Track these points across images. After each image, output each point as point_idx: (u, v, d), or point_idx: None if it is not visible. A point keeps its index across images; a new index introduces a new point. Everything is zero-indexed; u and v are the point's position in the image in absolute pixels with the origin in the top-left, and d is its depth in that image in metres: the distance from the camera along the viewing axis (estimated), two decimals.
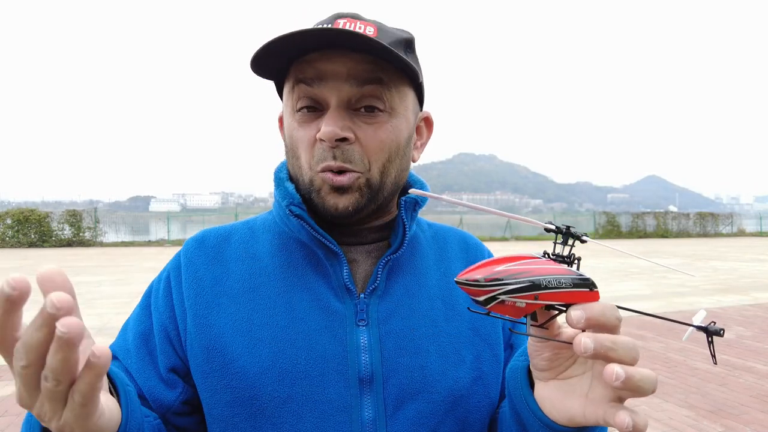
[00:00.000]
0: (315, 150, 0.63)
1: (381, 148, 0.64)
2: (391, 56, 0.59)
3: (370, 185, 0.64)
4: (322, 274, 0.66)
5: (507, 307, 0.42)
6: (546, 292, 0.42)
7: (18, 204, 53.07)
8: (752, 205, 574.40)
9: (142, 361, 0.64)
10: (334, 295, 0.65)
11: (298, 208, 0.65)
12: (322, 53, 0.61)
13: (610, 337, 0.42)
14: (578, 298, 0.43)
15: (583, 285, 0.43)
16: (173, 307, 0.66)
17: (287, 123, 0.66)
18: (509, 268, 0.42)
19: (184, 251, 0.70)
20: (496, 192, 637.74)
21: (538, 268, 0.42)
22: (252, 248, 0.70)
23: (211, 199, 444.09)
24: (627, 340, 0.43)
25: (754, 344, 5.27)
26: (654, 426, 3.25)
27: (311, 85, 0.61)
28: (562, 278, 0.43)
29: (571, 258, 0.45)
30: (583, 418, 0.46)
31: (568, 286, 0.43)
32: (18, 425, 3.16)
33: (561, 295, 0.43)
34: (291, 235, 0.69)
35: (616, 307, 0.44)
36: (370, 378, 0.61)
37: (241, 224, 0.75)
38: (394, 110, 0.64)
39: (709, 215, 30.16)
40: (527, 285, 0.42)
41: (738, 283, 9.75)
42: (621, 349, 0.42)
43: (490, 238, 24.41)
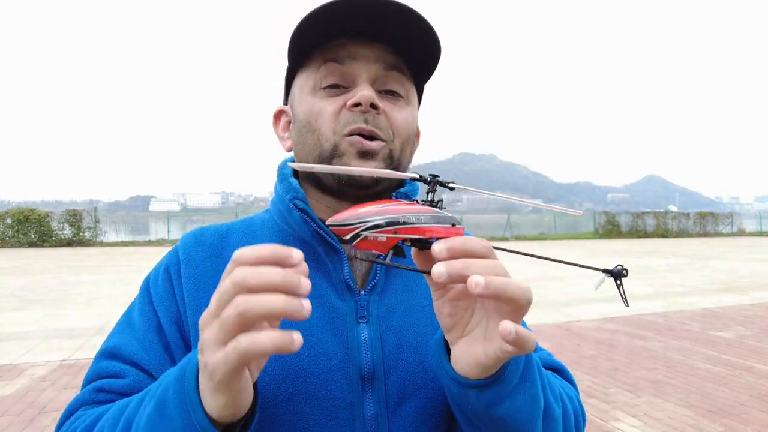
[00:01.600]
0: (341, 117, 0.64)
1: (404, 126, 0.68)
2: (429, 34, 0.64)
3: (392, 157, 0.66)
4: (323, 272, 0.66)
5: (370, 243, 0.46)
6: (405, 227, 0.45)
7: (18, 204, 53.18)
8: (752, 204, 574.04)
9: (159, 357, 0.63)
10: (334, 292, 0.65)
11: (302, 202, 0.66)
12: (353, 38, 0.64)
13: (464, 260, 0.43)
14: (440, 233, 0.47)
15: (445, 221, 0.47)
16: (176, 298, 0.65)
17: (305, 101, 0.67)
18: (373, 209, 0.46)
19: (182, 247, 0.69)
20: (496, 192, 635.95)
21: (399, 208, 0.46)
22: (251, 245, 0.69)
23: (211, 198, 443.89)
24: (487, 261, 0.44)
25: (754, 344, 5.27)
26: (654, 426, 3.26)
27: (342, 63, 0.64)
28: (422, 215, 0.46)
29: (436, 203, 0.49)
30: (486, 357, 0.46)
31: (429, 221, 0.46)
32: (18, 425, 3.16)
33: (421, 230, 0.46)
34: (291, 233, 0.69)
35: (484, 240, 0.46)
36: (372, 375, 0.61)
37: (238, 223, 0.75)
38: (409, 100, 0.69)
39: (709, 215, 30.16)
40: (387, 222, 0.45)
41: (738, 283, 9.74)
42: (475, 266, 0.43)
43: (491, 238, 24.41)
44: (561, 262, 0.53)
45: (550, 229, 29.04)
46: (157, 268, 0.70)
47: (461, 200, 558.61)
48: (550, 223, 29.59)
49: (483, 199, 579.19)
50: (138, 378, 0.61)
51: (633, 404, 3.62)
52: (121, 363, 0.62)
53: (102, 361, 0.64)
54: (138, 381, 0.60)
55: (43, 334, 5.43)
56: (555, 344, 5.23)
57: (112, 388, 0.60)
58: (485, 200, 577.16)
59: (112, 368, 0.62)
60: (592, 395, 3.79)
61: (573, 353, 4.90)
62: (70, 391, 3.77)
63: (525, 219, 33.59)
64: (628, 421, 3.33)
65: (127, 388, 0.60)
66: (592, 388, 3.94)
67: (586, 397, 3.74)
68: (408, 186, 0.74)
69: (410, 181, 0.75)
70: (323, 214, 0.70)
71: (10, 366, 4.38)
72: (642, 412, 3.47)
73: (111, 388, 0.60)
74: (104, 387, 0.61)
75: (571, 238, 26.25)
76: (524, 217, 33.63)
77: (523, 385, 0.52)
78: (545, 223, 30.54)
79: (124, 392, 0.60)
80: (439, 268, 0.42)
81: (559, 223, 29.47)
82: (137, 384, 0.60)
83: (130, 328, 0.66)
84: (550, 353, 0.78)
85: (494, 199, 5.49)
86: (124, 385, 0.60)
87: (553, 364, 0.74)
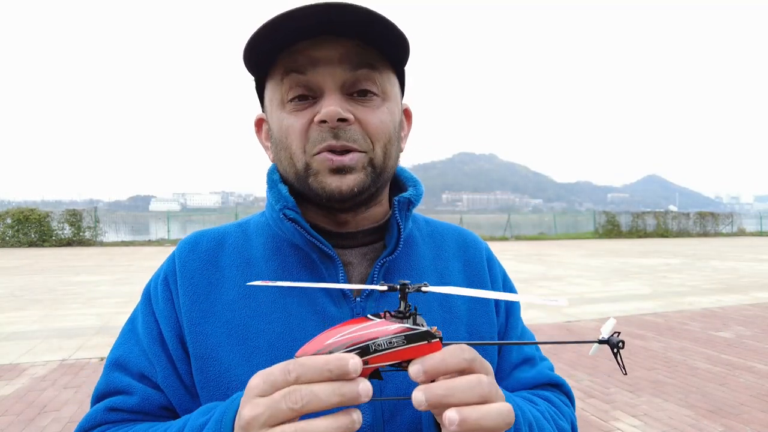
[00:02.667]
0: (311, 134, 0.61)
1: (382, 129, 0.63)
2: (388, 29, 0.58)
3: (373, 165, 0.63)
4: (318, 278, 0.65)
5: None
6: (376, 355, 0.43)
7: (18, 203, 53.15)
8: (752, 204, 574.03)
9: (165, 370, 0.63)
10: (330, 299, 0.64)
11: (292, 211, 0.64)
12: (312, 41, 0.59)
13: (444, 384, 0.42)
14: (416, 353, 0.44)
15: (420, 339, 0.44)
16: (175, 310, 0.65)
17: (275, 117, 0.64)
18: (339, 339, 0.43)
19: (178, 254, 0.69)
20: (496, 191, 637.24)
21: (369, 332, 0.43)
22: (246, 253, 0.68)
23: (211, 198, 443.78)
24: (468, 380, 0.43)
25: (754, 344, 5.26)
26: (654, 426, 3.26)
27: (304, 73, 0.60)
28: (394, 338, 0.43)
29: (407, 313, 0.46)
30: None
31: (401, 343, 0.43)
32: (18, 425, 3.16)
33: (394, 355, 0.43)
34: (285, 237, 0.68)
35: (462, 349, 0.44)
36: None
37: (234, 227, 0.73)
38: (386, 94, 0.64)
39: (709, 215, 30.16)
40: (356, 353, 0.42)
41: (738, 283, 9.74)
42: (459, 392, 0.41)
43: (491, 238, 24.40)
44: (556, 343, 0.51)
45: (550, 229, 29.03)
46: (157, 276, 0.70)
47: (461, 200, 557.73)
48: (550, 223, 29.59)
49: (483, 199, 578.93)
50: (146, 394, 0.62)
51: (633, 404, 3.62)
52: (129, 377, 0.64)
53: (112, 372, 0.65)
54: (146, 397, 0.62)
55: (43, 334, 5.43)
56: (555, 344, 5.22)
57: (123, 406, 0.62)
58: (485, 200, 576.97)
59: (120, 382, 0.63)
60: (592, 395, 3.79)
61: (573, 353, 4.90)
62: (70, 390, 3.77)
63: (525, 219, 33.60)
64: (628, 421, 3.33)
65: (136, 407, 0.62)
66: (592, 388, 3.94)
67: (586, 397, 3.74)
68: (411, 190, 0.71)
69: (414, 183, 0.73)
70: (318, 218, 0.69)
71: (10, 366, 4.38)
72: (642, 412, 3.47)
73: (122, 406, 0.62)
74: (115, 406, 0.62)
75: (571, 238, 26.24)
76: (524, 217, 33.60)
77: None
78: (545, 223, 30.53)
79: (134, 411, 0.62)
80: (418, 396, 0.41)
81: (559, 223, 29.46)
82: (146, 401, 0.62)
83: (136, 339, 0.66)
84: (551, 366, 0.78)
85: (494, 199, 5.45)
86: (134, 404, 0.62)
87: (552, 379, 0.74)
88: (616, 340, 0.48)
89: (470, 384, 0.42)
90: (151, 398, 0.62)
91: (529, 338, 0.78)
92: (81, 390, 3.78)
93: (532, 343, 0.47)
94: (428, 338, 0.44)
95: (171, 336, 0.64)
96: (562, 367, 4.47)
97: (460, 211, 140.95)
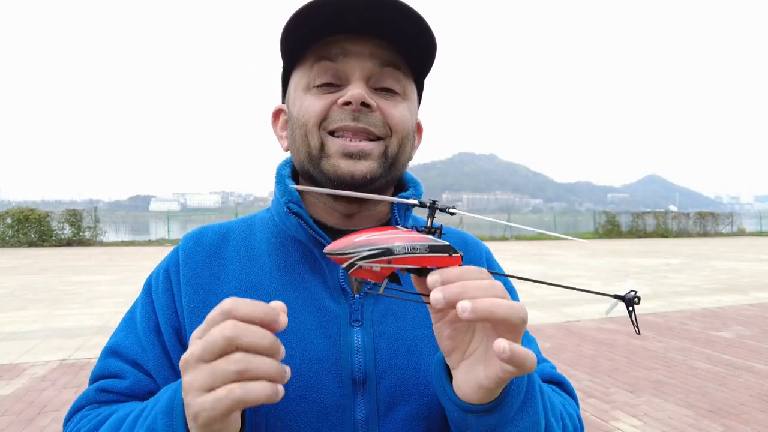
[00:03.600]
0: (331, 113, 0.63)
1: (402, 122, 0.66)
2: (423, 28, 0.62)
3: (387, 155, 0.65)
4: (318, 274, 0.66)
5: (365, 272, 0.46)
6: (399, 256, 0.45)
7: (18, 203, 53.09)
8: (752, 204, 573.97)
9: (158, 359, 0.64)
10: (329, 295, 0.65)
11: (296, 206, 0.65)
12: (347, 35, 0.62)
13: (460, 283, 0.44)
14: (436, 262, 0.46)
15: (441, 250, 0.46)
16: (174, 303, 0.66)
17: (298, 100, 0.66)
18: (368, 238, 0.46)
19: (182, 247, 0.70)
20: (496, 191, 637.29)
21: (395, 236, 0.46)
22: (250, 246, 0.70)
23: (211, 198, 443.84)
24: (483, 282, 0.45)
25: (754, 344, 5.27)
26: (654, 426, 3.26)
27: (335, 61, 0.63)
28: (417, 244, 0.46)
29: (433, 229, 0.49)
30: (487, 380, 0.47)
31: (423, 251, 0.46)
32: (18, 425, 3.16)
33: (416, 260, 0.46)
34: (288, 233, 0.69)
35: (480, 270, 0.46)
36: (364, 379, 0.61)
37: (238, 222, 0.75)
38: (406, 95, 0.67)
39: (709, 215, 30.16)
40: (381, 251, 0.45)
41: (738, 283, 9.74)
42: (474, 290, 0.43)
43: (490, 238, 24.40)
44: (574, 288, 0.52)
45: (550, 229, 29.04)
46: (159, 268, 0.71)
47: (461, 200, 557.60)
48: (550, 223, 29.59)
49: (483, 199, 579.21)
50: (137, 378, 0.64)
51: (633, 404, 3.62)
52: (123, 362, 0.65)
53: (107, 358, 0.67)
54: (137, 381, 0.63)
55: (43, 334, 5.43)
56: (555, 344, 5.23)
57: (114, 388, 0.64)
58: (485, 200, 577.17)
59: (114, 367, 0.65)
60: (592, 395, 3.79)
61: (573, 353, 4.90)
62: (70, 390, 3.77)
63: (525, 219, 33.60)
64: (628, 420, 3.33)
65: (126, 390, 0.63)
66: (592, 388, 3.94)
67: (586, 397, 3.74)
68: (411, 189, 0.73)
69: (414, 184, 0.74)
70: (322, 213, 0.70)
71: (10, 366, 4.38)
72: (642, 412, 3.47)
73: (113, 388, 0.64)
74: (107, 387, 0.64)
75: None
76: (524, 217, 33.61)
77: (524, 410, 0.51)
78: (545, 223, 30.54)
79: (124, 393, 0.63)
80: (436, 294, 0.43)
81: (559, 223, 29.47)
82: (136, 385, 0.63)
83: (133, 327, 0.68)
84: (553, 365, 0.78)
85: (494, 199, 5.46)
86: (124, 387, 0.63)
87: (554, 377, 0.75)
88: (630, 297, 0.49)
89: (484, 285, 0.44)
90: (142, 383, 0.64)
91: (530, 341, 0.78)
92: (81, 390, 3.78)
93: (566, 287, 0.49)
94: (450, 251, 0.47)
95: (167, 327, 0.65)
96: (562, 366, 4.47)
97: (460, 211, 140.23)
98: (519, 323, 0.44)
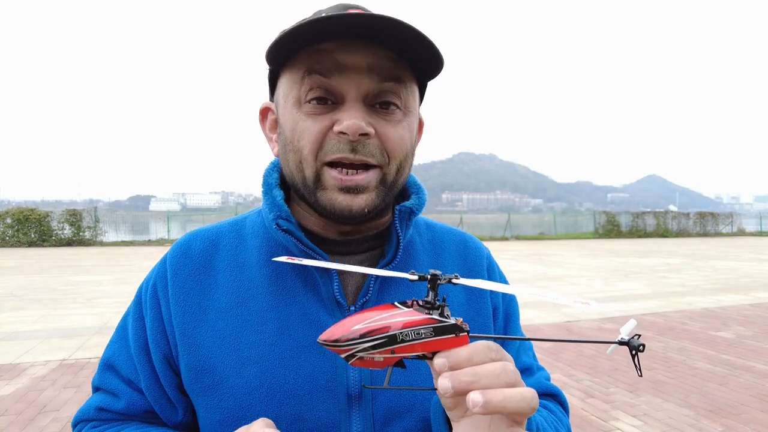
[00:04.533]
0: (326, 142, 0.59)
1: (401, 145, 0.62)
2: (424, 45, 0.56)
3: (384, 182, 0.61)
4: (312, 287, 0.64)
5: (367, 362, 0.44)
6: (403, 345, 0.43)
7: (18, 203, 52.96)
8: (752, 204, 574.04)
9: (149, 380, 0.65)
10: (323, 308, 0.63)
11: (286, 222, 0.62)
12: (342, 43, 0.57)
13: (470, 370, 0.41)
14: (443, 346, 0.43)
15: (447, 331, 0.43)
16: (163, 322, 0.65)
17: (289, 115, 0.61)
18: (367, 325, 0.43)
19: (170, 259, 0.67)
20: (496, 191, 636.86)
21: (396, 321, 0.43)
22: (241, 256, 0.67)
23: (211, 198, 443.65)
24: (494, 366, 0.42)
25: (754, 344, 5.26)
26: (654, 426, 3.26)
27: (328, 77, 0.57)
28: (422, 329, 0.43)
29: (436, 304, 0.45)
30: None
31: (429, 335, 0.43)
32: (18, 424, 3.16)
33: (421, 346, 0.43)
34: (280, 242, 0.67)
35: (489, 347, 0.44)
36: (359, 395, 0.60)
37: (228, 227, 0.71)
38: (407, 109, 0.63)
39: (709, 215, 30.14)
40: (383, 341, 0.42)
41: (738, 283, 9.74)
42: (485, 377, 0.41)
43: (490, 238, 24.40)
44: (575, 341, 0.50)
45: (550, 229, 29.03)
46: (148, 279, 0.69)
47: (461, 200, 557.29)
48: (550, 223, 29.58)
49: (483, 199, 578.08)
50: (132, 399, 0.66)
51: (633, 404, 3.62)
52: (118, 380, 0.67)
53: (104, 372, 0.69)
54: (132, 402, 0.66)
55: (43, 334, 5.42)
56: (555, 344, 5.23)
57: (112, 408, 0.66)
58: (485, 200, 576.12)
59: (110, 384, 0.68)
60: (592, 395, 3.79)
61: (573, 353, 4.90)
62: (70, 390, 3.77)
63: (525, 219, 33.61)
64: (628, 420, 3.33)
65: (123, 410, 0.66)
66: (592, 388, 3.94)
67: (586, 397, 3.74)
68: (414, 198, 0.70)
69: (417, 189, 0.72)
70: (314, 225, 0.67)
71: (10, 366, 4.38)
72: (642, 412, 3.47)
73: (111, 408, 0.67)
74: (105, 407, 0.67)
75: (571, 238, 26.23)
76: (524, 217, 33.61)
77: None
78: (545, 223, 30.53)
79: (122, 413, 0.66)
80: (444, 383, 0.41)
81: (559, 223, 29.46)
82: (132, 406, 0.66)
83: (125, 342, 0.69)
84: (548, 375, 0.78)
85: (494, 199, 5.46)
86: (121, 407, 0.66)
87: (549, 390, 0.74)
88: (636, 343, 0.47)
89: (495, 371, 0.42)
90: (136, 404, 0.66)
91: (527, 346, 0.78)
92: (81, 390, 3.79)
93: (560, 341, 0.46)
94: (456, 332, 0.44)
95: (156, 351, 0.64)
96: (561, 367, 4.47)
97: (460, 211, 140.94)
98: (529, 413, 0.43)
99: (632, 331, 0.48)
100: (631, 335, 0.47)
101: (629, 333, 0.48)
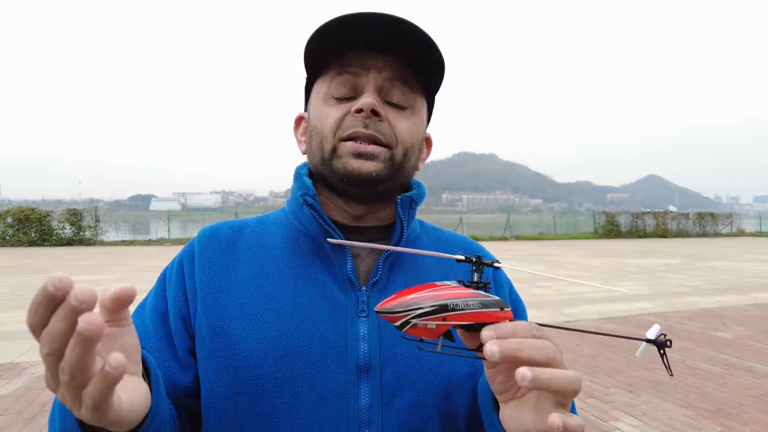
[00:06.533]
0: (344, 122, 0.68)
1: (407, 134, 0.70)
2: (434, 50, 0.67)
3: (393, 160, 0.69)
4: (328, 266, 0.69)
5: (420, 330, 0.47)
6: (454, 313, 0.46)
7: (18, 203, 53.03)
8: (752, 205, 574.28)
9: (160, 341, 0.66)
10: (338, 286, 0.67)
11: (311, 198, 0.69)
12: (362, 51, 0.68)
13: (516, 339, 0.45)
14: (489, 318, 0.47)
15: (493, 305, 0.47)
16: (185, 290, 0.69)
17: (317, 109, 0.71)
18: (420, 295, 0.47)
19: (198, 239, 0.74)
20: (496, 191, 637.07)
21: (447, 293, 0.47)
22: (263, 240, 0.73)
23: (211, 198, 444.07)
24: (536, 341, 0.46)
25: (754, 344, 5.27)
26: (653, 426, 3.26)
27: (355, 75, 0.68)
28: (470, 300, 0.47)
29: (481, 284, 0.49)
30: (535, 429, 0.48)
31: (477, 307, 0.47)
32: (18, 424, 3.17)
33: (470, 316, 0.47)
34: (301, 229, 0.72)
35: (531, 326, 0.47)
36: (368, 366, 0.63)
37: (253, 220, 0.79)
38: (414, 110, 0.72)
39: (708, 215, 30.17)
40: (435, 308, 0.46)
41: (737, 284, 9.75)
42: (528, 348, 0.45)
43: (490, 238, 24.41)
44: (609, 335, 0.53)
45: (549, 230, 29.03)
46: (174, 259, 0.74)
47: (461, 200, 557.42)
48: (550, 223, 29.59)
49: (483, 199, 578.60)
50: None
51: (633, 404, 3.62)
52: None
53: None
54: None
55: None
56: None
57: None
58: (485, 200, 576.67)
59: None
60: (592, 395, 3.80)
61: (573, 353, 4.91)
62: None
63: (525, 219, 33.62)
64: (627, 420, 3.34)
65: None
66: (592, 388, 3.94)
67: (586, 397, 3.75)
68: (414, 190, 0.75)
69: (417, 185, 0.77)
70: (333, 213, 0.74)
71: (10, 365, 4.39)
72: (641, 412, 3.48)
73: None
74: None
75: (571, 238, 26.24)
76: (524, 217, 33.62)
77: None
78: (545, 223, 30.53)
79: None
80: (492, 347, 0.44)
81: (559, 223, 29.46)
82: None
83: (140, 313, 0.71)
84: None
85: (494, 199, 5.49)
86: None
87: None
88: (663, 341, 0.50)
89: (537, 345, 0.46)
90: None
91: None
92: None
93: (603, 334, 0.49)
94: (502, 306, 0.48)
95: (175, 313, 0.67)
96: None
97: (459, 211, 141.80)
98: (572, 394, 0.46)
99: (657, 333, 0.51)
100: (657, 335, 0.50)
101: (655, 334, 0.51)
